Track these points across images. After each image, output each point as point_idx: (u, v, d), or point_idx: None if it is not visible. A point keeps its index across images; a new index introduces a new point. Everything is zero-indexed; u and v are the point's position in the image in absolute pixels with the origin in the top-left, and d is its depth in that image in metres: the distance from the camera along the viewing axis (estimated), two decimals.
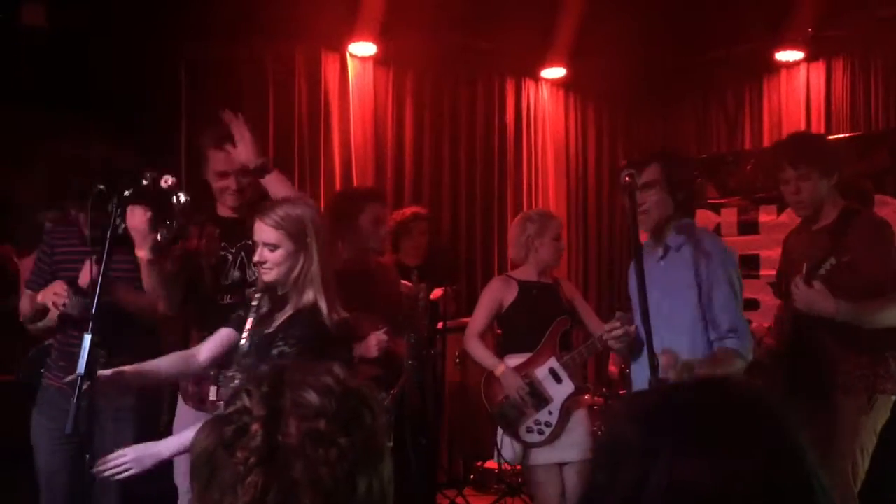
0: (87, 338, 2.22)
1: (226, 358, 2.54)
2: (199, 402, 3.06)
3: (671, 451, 0.90)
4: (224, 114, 3.05)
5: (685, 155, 4.04)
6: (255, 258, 2.45)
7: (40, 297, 3.02)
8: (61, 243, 3.18)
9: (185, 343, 3.04)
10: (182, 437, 2.27)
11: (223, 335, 2.55)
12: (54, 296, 2.93)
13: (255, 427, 1.05)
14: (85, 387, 2.20)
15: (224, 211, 3.24)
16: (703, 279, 2.90)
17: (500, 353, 3.91)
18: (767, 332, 3.94)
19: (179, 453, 2.25)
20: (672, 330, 2.86)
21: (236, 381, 2.34)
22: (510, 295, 3.85)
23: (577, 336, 4.09)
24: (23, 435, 3.12)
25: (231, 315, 2.63)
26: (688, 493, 0.88)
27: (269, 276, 2.44)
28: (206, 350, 2.55)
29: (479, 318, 3.92)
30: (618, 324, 3.04)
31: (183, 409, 3.16)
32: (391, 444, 2.82)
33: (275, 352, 2.32)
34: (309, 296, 2.41)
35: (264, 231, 2.43)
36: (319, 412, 1.06)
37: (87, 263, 2.91)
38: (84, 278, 2.93)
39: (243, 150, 2.97)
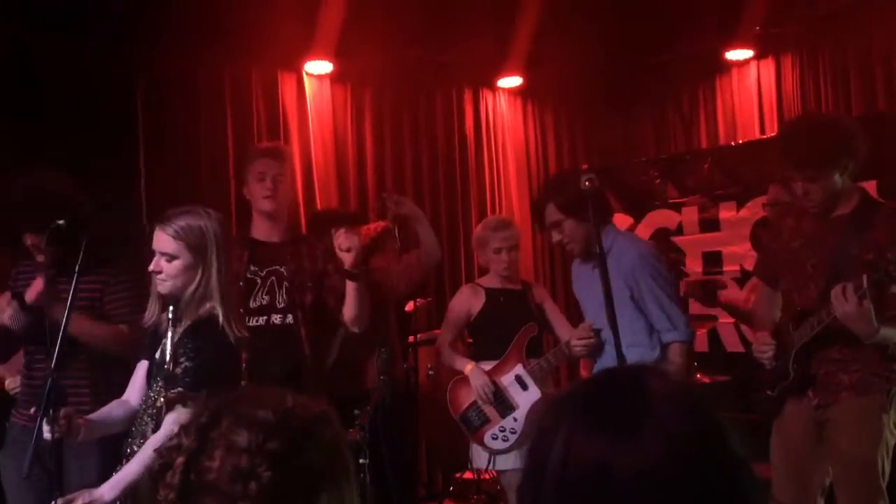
0: (49, 377, 2.18)
1: None
2: None
3: (567, 429, 0.98)
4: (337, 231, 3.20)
5: (568, 174, 4.10)
6: (151, 267, 2.37)
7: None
8: (24, 279, 3.13)
9: None
10: (120, 475, 2.20)
11: (141, 369, 2.48)
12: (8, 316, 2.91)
13: (179, 461, 1.06)
14: (47, 429, 2.15)
15: (258, 233, 3.31)
16: (630, 281, 3.20)
17: (473, 360, 3.92)
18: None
19: (122, 492, 2.18)
20: (619, 329, 2.91)
21: (159, 402, 2.27)
22: (477, 303, 3.87)
23: (549, 341, 4.11)
24: None
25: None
26: (582, 466, 0.95)
27: (163, 287, 2.36)
28: (132, 390, 2.49)
29: (448, 327, 3.94)
30: (585, 333, 3.40)
31: None
32: (367, 461, 2.80)
33: (178, 370, 2.25)
34: (206, 307, 2.34)
35: (162, 240, 2.34)
36: (244, 448, 1.05)
37: (38, 279, 2.87)
38: (31, 294, 2.88)
39: (350, 257, 3.14)
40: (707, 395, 1.08)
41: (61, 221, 2.61)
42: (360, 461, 2.79)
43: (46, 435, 2.15)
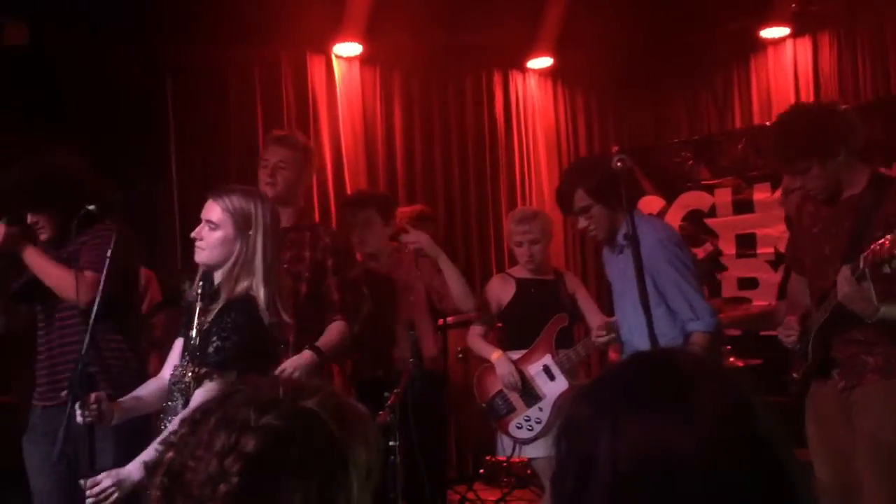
0: (79, 363, 2.19)
1: None
2: None
3: (612, 417, 0.95)
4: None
5: (598, 159, 4.04)
6: (193, 233, 2.38)
7: None
8: None
9: None
10: (148, 452, 2.19)
11: (177, 345, 2.48)
12: None
13: (167, 456, 1.05)
14: (78, 413, 2.17)
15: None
16: (651, 269, 3.09)
17: (502, 349, 3.90)
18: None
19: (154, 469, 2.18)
20: (639, 317, 2.91)
21: (188, 377, 2.27)
22: (507, 293, 3.85)
23: (581, 331, 4.08)
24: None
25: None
26: (639, 451, 0.92)
27: (199, 255, 2.36)
28: (168, 366, 2.48)
29: (480, 317, 3.93)
30: (603, 332, 3.42)
31: None
32: (396, 443, 2.80)
33: (211, 349, 2.24)
34: (243, 286, 2.32)
35: (210, 208, 2.36)
36: (218, 450, 1.02)
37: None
38: None
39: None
40: (737, 373, 1.07)
41: (91, 207, 2.63)
42: (390, 443, 2.79)
43: (78, 419, 2.16)
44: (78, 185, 2.96)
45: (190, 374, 2.27)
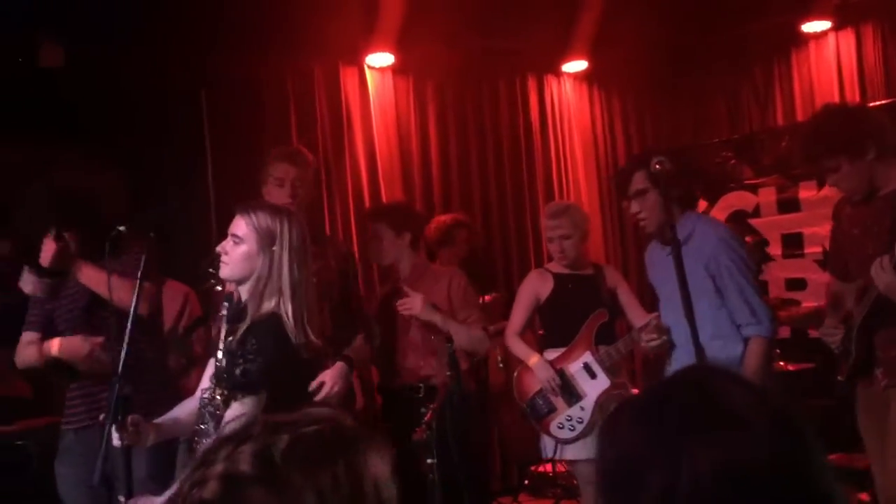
0: (116, 383, 2.17)
1: None
2: None
3: (672, 446, 0.92)
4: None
5: (671, 150, 3.92)
6: (218, 247, 2.36)
7: (59, 348, 2.95)
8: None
9: None
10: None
11: (210, 367, 2.45)
12: (89, 351, 2.88)
13: (184, 485, 1.00)
14: (116, 436, 2.15)
15: None
16: (712, 268, 3.03)
17: (541, 349, 3.83)
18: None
19: None
20: (696, 320, 2.79)
21: (217, 399, 2.24)
22: (545, 288, 3.78)
23: (622, 327, 3.99)
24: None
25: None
26: (711, 475, 0.90)
27: (223, 269, 2.35)
28: (204, 386, 2.46)
29: (517, 315, 3.87)
30: (654, 335, 3.20)
31: None
32: (434, 460, 2.75)
33: (238, 371, 2.21)
34: (269, 305, 2.29)
35: (237, 222, 2.35)
36: (214, 486, 0.97)
37: (48, 242, 2.88)
38: (45, 257, 2.89)
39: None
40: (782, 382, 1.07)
41: (122, 228, 2.62)
42: (428, 461, 2.74)
43: (116, 442, 2.14)
44: (107, 203, 2.95)
45: (218, 396, 2.25)
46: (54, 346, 2.98)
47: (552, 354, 3.72)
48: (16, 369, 4.15)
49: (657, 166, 2.71)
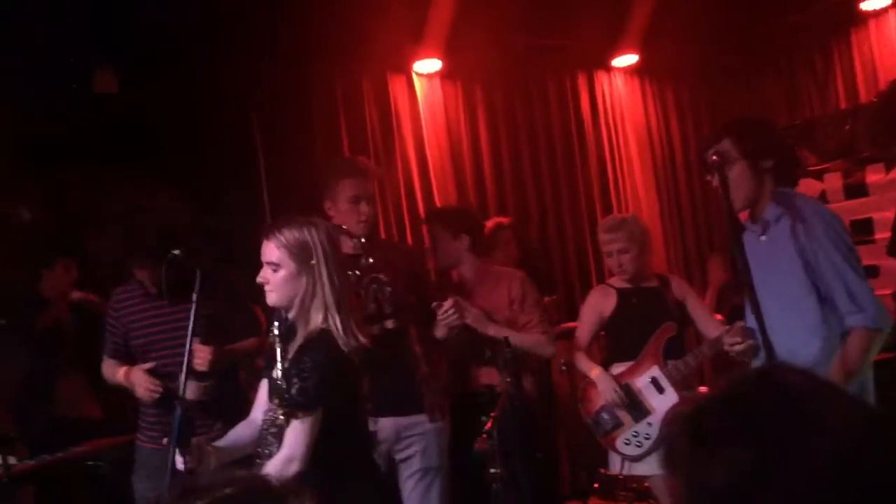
0: (179, 407, 2.19)
1: None
2: None
3: (794, 464, 0.86)
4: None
5: (763, 119, 3.46)
6: (258, 278, 2.34)
7: (126, 379, 3.10)
8: (126, 306, 3.23)
9: None
10: None
11: (262, 387, 2.46)
12: (147, 390, 3.03)
13: None
14: (179, 460, 2.16)
15: (347, 248, 3.17)
16: (808, 251, 2.67)
17: (607, 363, 3.74)
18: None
19: None
20: (782, 308, 2.64)
21: (279, 420, 2.24)
22: (609, 305, 3.68)
23: (692, 338, 3.86)
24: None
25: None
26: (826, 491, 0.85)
27: (270, 298, 2.33)
28: (257, 409, 2.48)
29: (582, 332, 3.80)
30: (738, 339, 2.84)
31: None
32: (498, 470, 2.70)
33: (294, 390, 2.20)
34: (317, 320, 2.27)
35: (267, 250, 2.32)
36: None
37: (198, 346, 2.92)
38: (203, 363, 2.94)
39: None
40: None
41: (177, 252, 2.64)
42: (491, 471, 2.69)
43: (179, 466, 2.16)
44: (179, 235, 2.99)
45: (281, 416, 2.25)
46: (120, 374, 3.15)
47: (618, 369, 3.62)
48: (89, 392, 4.27)
49: (714, 158, 2.55)
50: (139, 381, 3.06)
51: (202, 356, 2.92)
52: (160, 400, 3.02)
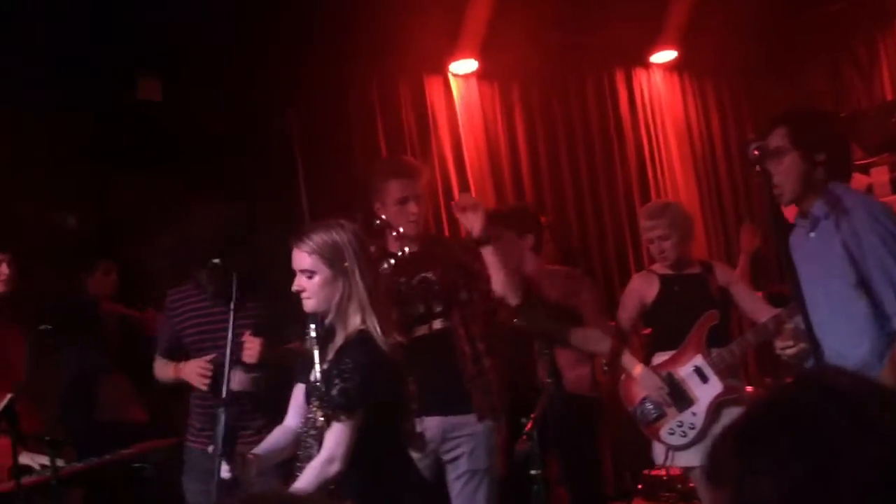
0: (222, 415, 2.19)
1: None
2: None
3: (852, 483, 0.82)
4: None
5: (821, 111, 3.30)
6: (294, 287, 2.34)
7: (178, 372, 3.15)
8: (180, 306, 3.28)
9: None
10: None
11: (297, 392, 2.46)
12: (198, 376, 3.06)
13: None
14: (225, 468, 2.17)
15: (395, 247, 3.20)
16: (852, 245, 2.56)
17: (649, 352, 3.70)
18: None
19: None
20: (832, 308, 2.55)
21: (319, 422, 2.25)
22: (651, 291, 3.63)
23: (736, 325, 3.80)
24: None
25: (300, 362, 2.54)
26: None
27: (308, 305, 2.32)
28: (292, 414, 2.48)
29: (623, 317, 3.74)
30: (791, 342, 2.70)
31: None
32: (539, 472, 2.67)
33: (335, 391, 2.20)
34: (356, 321, 2.27)
35: (299, 257, 2.32)
36: None
37: (249, 338, 2.98)
38: (251, 355, 2.99)
39: (477, 220, 3.16)
40: None
41: (217, 261, 2.66)
42: (532, 472, 2.65)
43: (224, 475, 2.17)
44: (237, 238, 3.04)
45: (321, 418, 2.26)
46: (172, 369, 3.23)
47: (661, 358, 3.57)
48: (133, 395, 4.32)
49: (755, 152, 2.45)
50: (191, 368, 3.11)
51: (252, 347, 2.95)
52: (212, 389, 3.04)
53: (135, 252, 4.22)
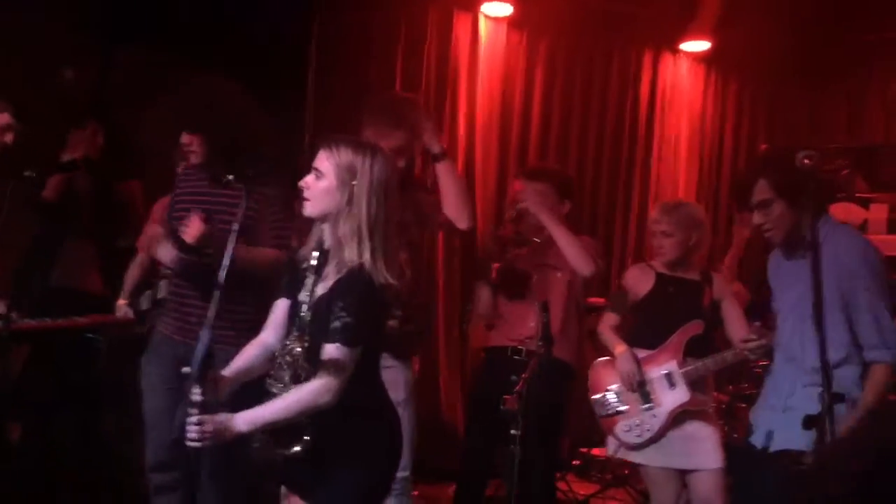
0: (206, 334, 2.11)
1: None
2: None
3: None
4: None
5: (787, 151, 3.50)
6: (300, 182, 2.29)
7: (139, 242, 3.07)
8: (183, 185, 3.18)
9: None
10: (258, 412, 2.16)
11: (280, 307, 2.40)
12: (149, 240, 3.02)
13: None
14: (196, 391, 2.11)
15: None
16: (843, 284, 2.77)
17: (628, 343, 3.68)
18: None
19: (256, 429, 2.16)
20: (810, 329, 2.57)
21: (297, 350, 2.22)
22: (645, 285, 3.58)
23: (721, 342, 3.78)
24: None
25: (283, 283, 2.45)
26: None
27: (306, 207, 2.28)
28: (271, 329, 2.41)
29: (614, 306, 3.71)
30: (754, 336, 3.01)
31: None
32: (519, 432, 2.67)
33: (337, 323, 2.16)
34: (352, 253, 2.21)
35: (319, 156, 2.28)
36: None
37: (195, 219, 2.85)
38: (191, 236, 2.86)
39: (428, 133, 3.16)
40: None
41: (231, 177, 2.52)
42: (512, 432, 2.67)
43: (195, 398, 2.12)
44: (228, 107, 2.95)
45: (299, 347, 2.22)
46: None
47: (637, 355, 3.56)
48: (94, 265, 4.24)
49: (806, 161, 2.47)
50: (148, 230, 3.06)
51: (193, 227, 2.85)
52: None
53: (127, 122, 4.13)
